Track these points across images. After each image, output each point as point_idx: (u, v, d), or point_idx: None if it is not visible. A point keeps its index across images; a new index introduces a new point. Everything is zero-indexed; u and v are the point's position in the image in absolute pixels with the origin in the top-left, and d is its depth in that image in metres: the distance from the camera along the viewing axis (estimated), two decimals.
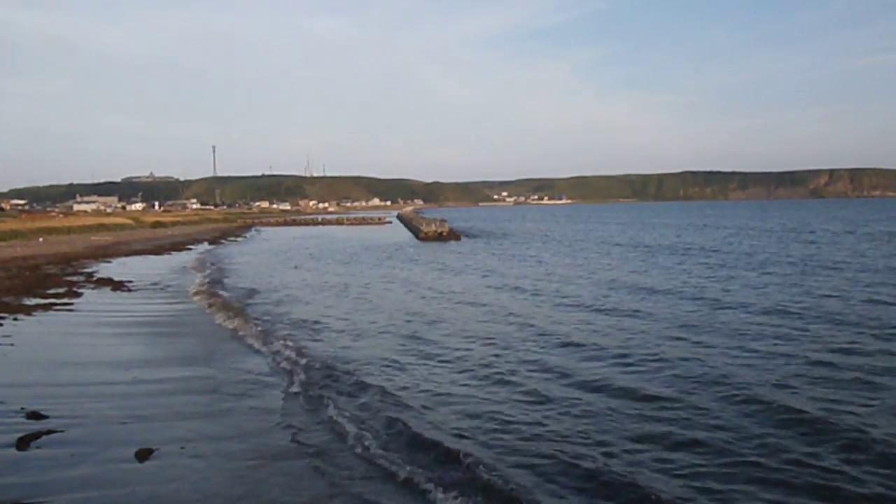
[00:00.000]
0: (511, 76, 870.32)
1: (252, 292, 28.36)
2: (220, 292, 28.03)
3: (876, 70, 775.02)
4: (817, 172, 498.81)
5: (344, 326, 20.29)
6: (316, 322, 20.93)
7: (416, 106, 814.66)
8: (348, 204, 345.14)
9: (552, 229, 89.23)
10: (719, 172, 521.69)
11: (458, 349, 16.71)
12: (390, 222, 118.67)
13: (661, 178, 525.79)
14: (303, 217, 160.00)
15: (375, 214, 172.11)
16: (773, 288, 26.39)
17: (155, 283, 31.42)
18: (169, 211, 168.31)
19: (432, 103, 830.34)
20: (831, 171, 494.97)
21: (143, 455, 9.79)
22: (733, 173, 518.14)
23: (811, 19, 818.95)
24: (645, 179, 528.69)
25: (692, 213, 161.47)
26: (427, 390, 13.24)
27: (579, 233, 79.05)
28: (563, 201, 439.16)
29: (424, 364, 15.42)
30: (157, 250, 54.18)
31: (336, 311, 23.35)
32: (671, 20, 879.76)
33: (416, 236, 71.54)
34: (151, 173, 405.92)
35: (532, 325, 19.63)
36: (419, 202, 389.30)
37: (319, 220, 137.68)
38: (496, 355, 15.97)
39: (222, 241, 71.56)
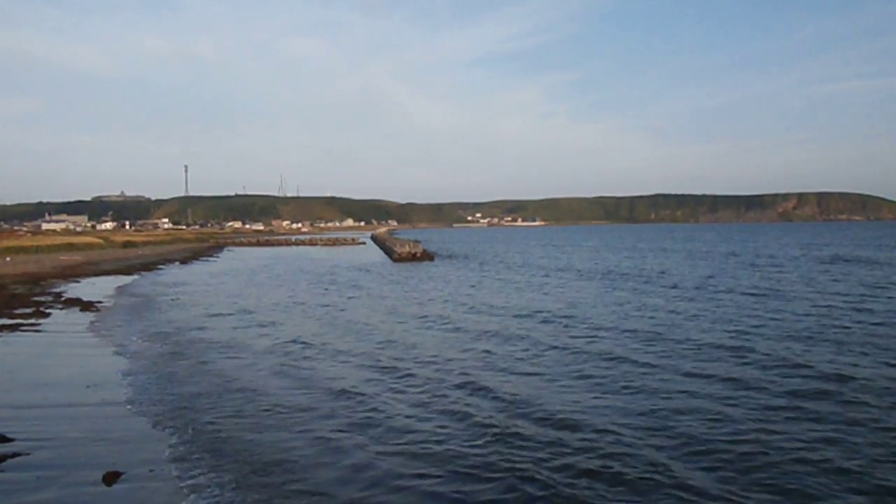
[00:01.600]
0: (485, 98, 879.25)
1: (219, 311, 28.20)
2: (188, 309, 27.75)
3: (842, 96, 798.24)
4: (785, 196, 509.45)
5: (322, 348, 20.28)
6: (305, 344, 20.90)
7: (389, 127, 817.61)
8: (322, 225, 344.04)
9: (509, 253, 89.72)
10: (690, 195, 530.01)
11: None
12: (364, 243, 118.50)
13: (633, 201, 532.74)
14: (276, 238, 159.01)
15: (349, 235, 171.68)
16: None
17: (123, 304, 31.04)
18: (140, 231, 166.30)
19: (406, 125, 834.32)
20: (799, 195, 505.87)
21: (111, 478, 9.74)
22: (703, 196, 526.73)
23: (780, 46, 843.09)
24: (617, 202, 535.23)
25: (659, 236, 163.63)
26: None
27: (534, 257, 79.35)
28: (536, 223, 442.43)
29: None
30: (128, 270, 53.50)
31: (308, 331, 23.33)
32: (644, 44, 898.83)
33: (391, 257, 71.60)
34: (122, 192, 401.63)
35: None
36: (393, 223, 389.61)
37: (293, 240, 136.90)
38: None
39: (194, 260, 70.86)
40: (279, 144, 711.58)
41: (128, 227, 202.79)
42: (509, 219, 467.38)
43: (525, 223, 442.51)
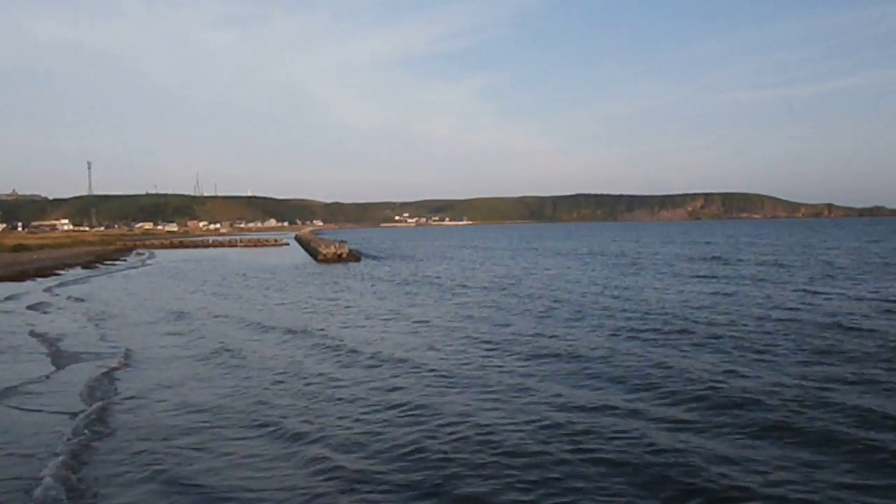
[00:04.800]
0: (412, 98, 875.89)
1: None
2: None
3: (745, 105, 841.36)
4: (694, 196, 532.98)
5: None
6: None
7: (315, 125, 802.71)
8: (242, 225, 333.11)
9: (426, 249, 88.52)
10: (609, 195, 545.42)
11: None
12: (287, 244, 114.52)
13: (555, 201, 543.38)
14: (191, 239, 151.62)
15: (272, 236, 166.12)
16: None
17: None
18: (34, 232, 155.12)
19: (331, 123, 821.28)
20: (706, 195, 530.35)
21: None
22: (621, 196, 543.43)
23: (689, 55, 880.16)
24: (541, 202, 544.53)
25: (572, 234, 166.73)
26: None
27: (446, 258, 78.55)
28: (464, 222, 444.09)
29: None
30: (19, 276, 48.63)
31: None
32: (566, 51, 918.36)
33: (315, 258, 68.91)
34: (14, 190, 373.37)
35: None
36: (319, 223, 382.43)
37: (210, 241, 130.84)
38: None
39: (98, 264, 65.74)
40: (196, 142, 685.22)
41: (20, 228, 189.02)
42: (437, 218, 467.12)
43: (453, 223, 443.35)
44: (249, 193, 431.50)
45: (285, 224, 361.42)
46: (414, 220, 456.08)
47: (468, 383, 14.87)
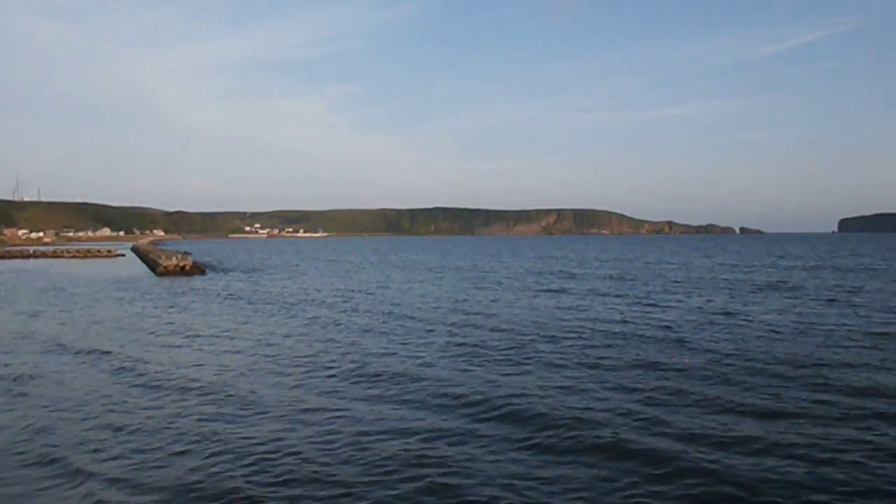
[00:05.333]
0: (266, 105, 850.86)
1: None
2: None
3: (595, 125, 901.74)
4: (547, 212, 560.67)
5: None
6: None
7: (157, 128, 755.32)
8: (70, 234, 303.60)
9: (276, 262, 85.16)
10: (466, 209, 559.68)
11: None
12: (123, 255, 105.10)
13: (413, 214, 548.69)
14: (7, 249, 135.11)
15: (105, 246, 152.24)
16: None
17: None
18: None
19: (177, 127, 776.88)
20: (559, 212, 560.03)
21: None
22: (478, 210, 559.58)
23: (544, 76, 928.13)
24: (399, 214, 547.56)
25: (431, 248, 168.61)
26: None
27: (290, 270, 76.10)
28: (320, 235, 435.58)
29: None
30: None
31: None
32: (425, 65, 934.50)
33: (154, 271, 63.12)
34: None
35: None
36: (160, 233, 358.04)
37: (31, 252, 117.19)
38: None
39: None
40: (15, 141, 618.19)
41: None
42: (291, 230, 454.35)
43: (308, 235, 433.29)
44: (79, 199, 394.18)
45: (121, 233, 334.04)
46: (266, 231, 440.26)
47: (274, 407, 13.68)
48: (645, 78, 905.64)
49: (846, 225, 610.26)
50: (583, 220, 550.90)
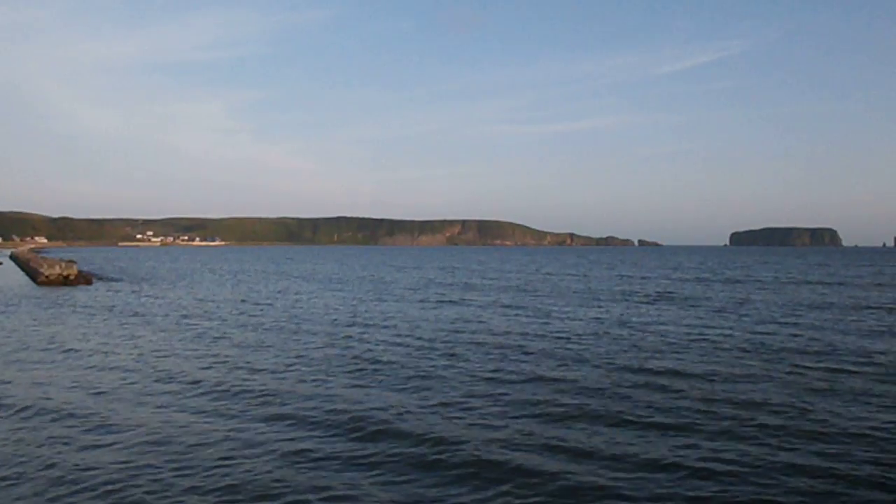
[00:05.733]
0: (160, 108, 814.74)
1: None
2: None
3: (500, 137, 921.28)
4: (452, 223, 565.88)
5: None
6: None
7: (39, 130, 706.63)
8: None
9: (168, 271, 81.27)
10: (370, 219, 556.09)
11: None
12: (0, 263, 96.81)
13: (316, 223, 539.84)
14: None
15: None
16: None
17: None
18: None
19: (62, 129, 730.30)
20: (463, 222, 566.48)
21: None
22: (382, 220, 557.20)
23: (452, 87, 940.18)
24: (300, 223, 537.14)
25: (333, 258, 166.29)
26: None
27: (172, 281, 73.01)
28: (217, 243, 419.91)
29: None
30: None
31: None
32: (330, 72, 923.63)
33: (35, 280, 58.25)
34: None
35: None
36: (42, 240, 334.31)
37: None
38: None
39: None
40: None
41: None
42: (186, 238, 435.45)
43: (204, 243, 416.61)
44: None
45: None
46: (160, 239, 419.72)
47: (132, 430, 12.54)
48: (549, 92, 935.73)
49: (737, 238, 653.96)
50: (487, 231, 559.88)
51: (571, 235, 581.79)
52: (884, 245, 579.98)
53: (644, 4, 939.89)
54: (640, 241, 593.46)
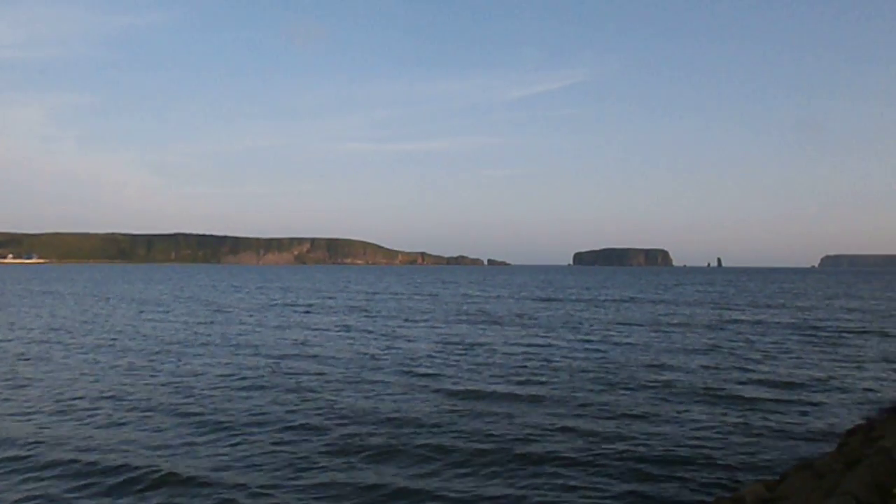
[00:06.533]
0: None
1: None
2: None
3: (351, 155, 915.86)
4: (301, 241, 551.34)
5: None
6: None
7: None
8: None
9: None
10: (212, 236, 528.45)
11: None
12: None
13: (150, 240, 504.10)
14: None
15: None
16: None
17: None
18: None
19: None
20: (313, 240, 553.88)
21: None
22: (225, 237, 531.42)
23: (294, 104, 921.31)
24: (133, 240, 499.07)
25: (167, 278, 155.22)
26: None
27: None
28: (33, 260, 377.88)
29: None
30: None
31: None
32: (169, 79, 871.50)
33: None
34: None
35: None
36: None
37: None
38: None
39: None
40: None
41: None
42: None
43: (18, 260, 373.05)
44: None
45: None
46: None
47: None
48: (400, 111, 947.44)
49: (580, 258, 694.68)
50: (337, 250, 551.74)
51: (423, 254, 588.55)
52: (708, 265, 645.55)
53: (497, 30, 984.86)
54: (489, 261, 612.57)
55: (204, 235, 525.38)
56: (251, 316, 44.29)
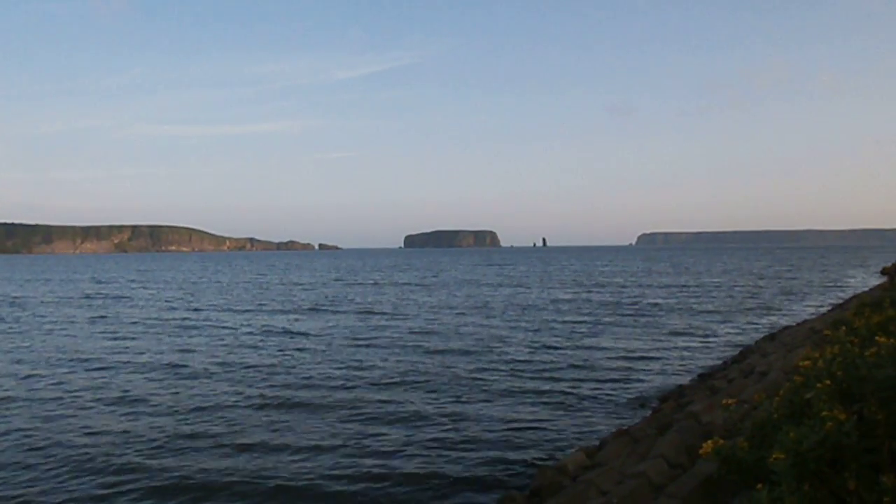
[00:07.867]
0: None
1: None
2: None
3: (166, 138, 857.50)
4: (121, 228, 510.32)
5: None
6: None
7: None
8: None
9: None
10: (22, 225, 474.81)
11: None
12: None
13: None
14: None
15: None
16: None
17: None
18: None
19: None
20: (134, 228, 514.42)
21: None
22: (37, 226, 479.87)
23: (105, 84, 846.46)
24: None
25: None
26: None
27: None
28: None
29: None
30: None
31: None
32: None
33: None
34: None
35: None
36: None
37: None
38: None
39: None
40: None
41: None
42: None
43: None
44: None
45: None
46: None
47: None
48: (224, 93, 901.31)
49: (410, 241, 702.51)
50: (160, 237, 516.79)
51: (251, 240, 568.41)
52: (534, 245, 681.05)
53: (321, 10, 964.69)
54: (321, 245, 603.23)
55: (12, 224, 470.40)
56: (50, 307, 38.95)
